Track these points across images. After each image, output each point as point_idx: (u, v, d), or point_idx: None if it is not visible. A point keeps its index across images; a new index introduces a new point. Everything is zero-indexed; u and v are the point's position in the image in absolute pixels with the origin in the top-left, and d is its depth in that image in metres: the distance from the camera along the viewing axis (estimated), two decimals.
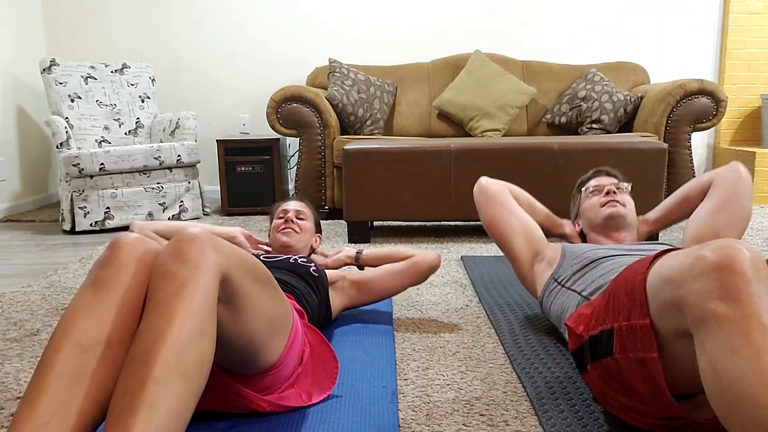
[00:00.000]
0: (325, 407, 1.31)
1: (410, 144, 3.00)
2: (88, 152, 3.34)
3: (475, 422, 1.26)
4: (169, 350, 0.92)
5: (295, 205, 1.92)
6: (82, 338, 0.97)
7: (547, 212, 1.92)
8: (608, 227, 1.72)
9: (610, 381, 1.16)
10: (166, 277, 0.99)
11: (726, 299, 0.89)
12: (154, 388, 0.88)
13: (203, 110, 4.53)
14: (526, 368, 1.51)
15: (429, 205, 3.00)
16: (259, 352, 1.18)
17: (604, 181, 1.80)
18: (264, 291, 1.15)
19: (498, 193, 1.81)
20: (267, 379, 1.25)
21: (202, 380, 0.96)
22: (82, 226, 3.38)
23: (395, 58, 4.42)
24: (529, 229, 1.77)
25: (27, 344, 1.74)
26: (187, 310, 0.95)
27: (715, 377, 0.88)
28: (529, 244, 1.75)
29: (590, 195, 1.80)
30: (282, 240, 1.83)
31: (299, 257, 1.69)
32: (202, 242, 1.01)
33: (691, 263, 0.94)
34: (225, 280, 1.03)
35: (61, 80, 3.72)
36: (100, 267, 1.05)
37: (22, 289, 2.29)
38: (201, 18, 4.47)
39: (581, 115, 3.87)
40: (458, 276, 2.40)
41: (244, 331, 1.11)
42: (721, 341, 0.88)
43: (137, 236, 1.09)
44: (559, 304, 1.54)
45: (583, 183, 1.87)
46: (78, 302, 1.02)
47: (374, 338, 1.72)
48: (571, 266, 1.57)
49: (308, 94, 3.63)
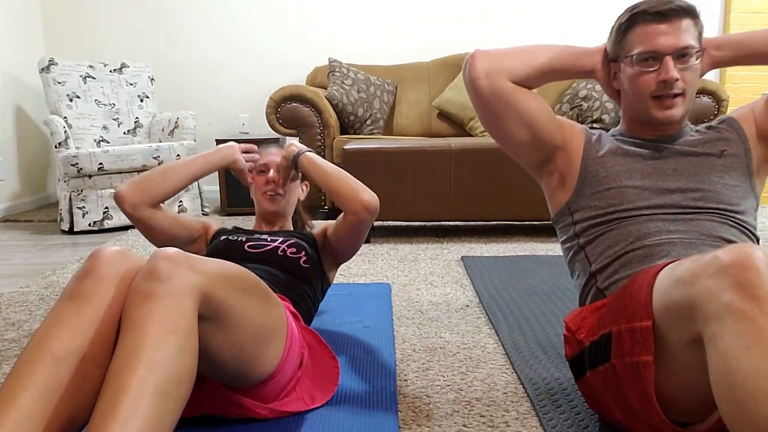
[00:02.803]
0: (325, 408, 1.31)
1: (410, 144, 3.00)
2: (86, 152, 3.33)
3: (475, 423, 1.25)
4: (144, 366, 0.91)
5: (276, 158, 1.74)
6: (56, 350, 0.96)
7: (560, 65, 1.31)
8: (655, 127, 1.29)
9: (606, 391, 1.13)
10: (140, 295, 0.98)
11: (742, 295, 0.87)
12: (128, 404, 0.87)
13: (203, 110, 4.52)
14: (526, 369, 1.50)
15: (429, 205, 2.99)
16: (254, 364, 1.16)
17: (662, 42, 1.20)
18: (253, 301, 1.13)
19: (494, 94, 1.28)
20: (266, 389, 1.24)
21: (182, 396, 0.95)
22: (81, 226, 3.37)
23: (395, 58, 4.41)
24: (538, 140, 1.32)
25: (25, 345, 1.73)
26: (161, 327, 0.94)
27: (728, 373, 0.86)
28: (538, 155, 1.35)
29: (638, 62, 1.23)
30: (268, 208, 1.72)
31: (288, 245, 1.59)
32: (176, 261, 1.00)
33: (705, 263, 0.92)
34: (206, 297, 1.01)
35: (59, 80, 3.71)
36: (78, 279, 1.04)
37: (20, 290, 2.28)
38: (200, 18, 4.46)
39: (582, 115, 3.87)
40: (458, 276, 2.39)
41: (233, 344, 1.10)
42: (737, 337, 0.86)
43: (118, 249, 1.08)
44: (569, 258, 1.36)
45: (634, 22, 1.23)
46: (54, 314, 1.01)
47: (374, 338, 1.71)
48: (589, 199, 1.29)
49: (308, 94, 3.63)
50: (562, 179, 1.34)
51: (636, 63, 1.22)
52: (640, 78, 1.22)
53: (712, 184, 1.23)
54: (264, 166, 1.75)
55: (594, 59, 1.31)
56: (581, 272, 1.31)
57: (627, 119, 1.33)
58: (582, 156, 1.31)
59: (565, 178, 1.33)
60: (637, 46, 1.21)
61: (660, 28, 1.19)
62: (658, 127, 1.28)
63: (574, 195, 1.31)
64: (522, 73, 1.29)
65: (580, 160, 1.31)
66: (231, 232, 1.69)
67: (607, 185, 1.27)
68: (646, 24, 1.21)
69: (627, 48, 1.24)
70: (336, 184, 1.59)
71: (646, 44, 1.20)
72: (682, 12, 1.20)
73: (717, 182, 1.23)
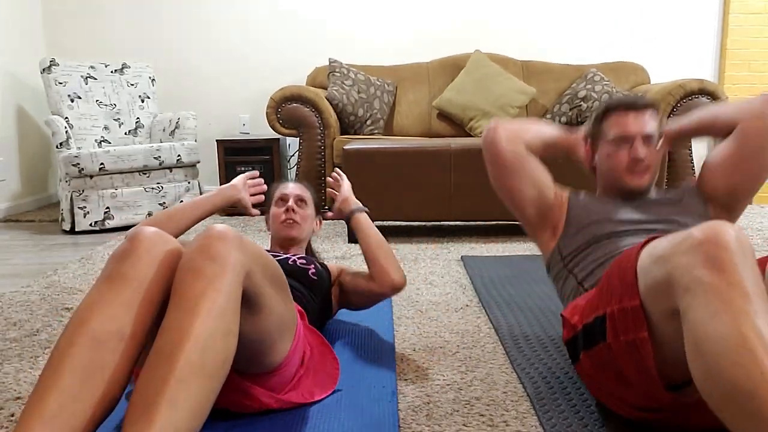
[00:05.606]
0: (326, 407, 1.31)
1: (410, 144, 3.00)
2: (87, 152, 3.33)
3: (475, 422, 1.26)
4: (193, 348, 0.92)
5: (294, 189, 1.82)
6: (97, 331, 0.97)
7: (557, 139, 1.61)
8: (625, 194, 1.51)
9: (602, 369, 1.18)
10: (194, 273, 0.99)
11: (711, 268, 0.93)
12: (176, 386, 0.89)
13: (203, 110, 4.52)
14: (526, 368, 1.51)
15: (429, 205, 3.00)
16: (269, 351, 1.19)
17: (632, 128, 1.46)
18: (278, 292, 1.16)
19: (514, 157, 1.53)
20: (274, 380, 1.26)
21: (223, 378, 0.97)
22: (82, 226, 3.38)
23: (395, 58, 4.42)
24: (542, 198, 1.54)
25: (26, 344, 1.74)
26: (212, 308, 0.96)
27: (696, 341, 0.92)
28: (538, 210, 1.56)
29: (612, 143, 1.49)
30: (286, 234, 1.77)
31: (298, 258, 1.67)
32: (230, 241, 1.02)
33: (680, 241, 1.00)
34: (248, 279, 1.03)
35: (60, 80, 3.71)
36: (117, 260, 1.05)
37: (21, 289, 2.29)
38: (201, 18, 4.47)
39: (581, 115, 3.87)
40: (458, 276, 2.40)
41: (259, 330, 1.12)
42: (704, 306, 0.92)
43: (156, 230, 1.09)
44: (560, 288, 1.53)
45: (608, 113, 1.51)
46: (94, 295, 1.02)
47: (374, 338, 1.72)
48: (574, 237, 1.49)
49: (308, 94, 3.63)
50: (553, 231, 1.56)
51: (612, 143, 1.48)
52: (615, 155, 1.48)
53: (675, 219, 1.46)
54: (283, 195, 1.81)
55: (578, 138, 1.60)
56: (570, 288, 1.45)
57: (602, 187, 1.58)
58: (567, 207, 1.55)
59: (555, 228, 1.55)
60: (612, 130, 1.48)
61: (629, 116, 1.47)
62: (629, 194, 1.51)
63: (561, 237, 1.52)
64: (534, 143, 1.55)
65: (566, 211, 1.55)
66: None
67: (589, 220, 1.49)
68: (619, 113, 1.49)
69: (604, 132, 1.51)
70: (376, 253, 1.67)
71: (620, 129, 1.47)
72: (645, 105, 1.49)
73: (680, 218, 1.46)
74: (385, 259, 1.66)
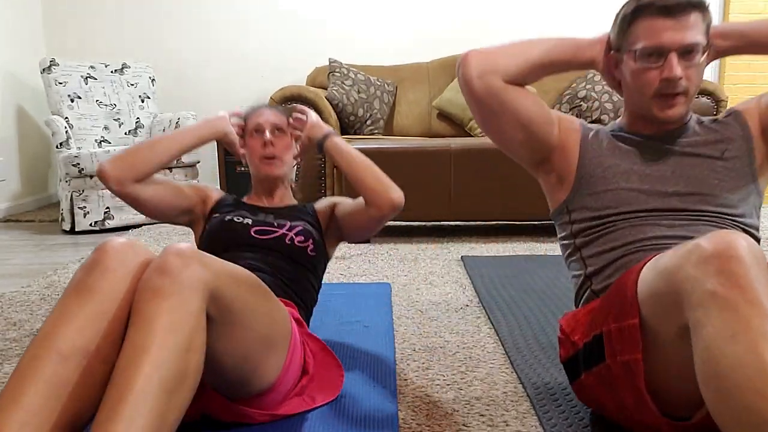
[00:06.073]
0: (325, 407, 1.31)
1: (410, 144, 3.00)
2: (87, 152, 3.33)
3: (475, 422, 1.26)
4: (151, 364, 0.90)
5: (270, 117, 1.60)
6: (62, 346, 0.95)
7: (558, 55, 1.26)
8: (657, 123, 1.24)
9: (601, 392, 1.14)
10: (151, 292, 0.97)
11: (725, 283, 0.86)
12: (134, 401, 0.87)
13: (203, 110, 4.51)
14: (525, 368, 1.51)
15: (429, 205, 3.00)
16: (255, 372, 1.14)
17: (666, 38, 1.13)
18: (259, 305, 1.11)
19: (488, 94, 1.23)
20: (267, 398, 1.22)
21: (187, 393, 0.95)
22: (82, 226, 3.38)
23: (395, 58, 4.42)
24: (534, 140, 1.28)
25: (26, 344, 1.74)
26: (169, 324, 0.94)
27: (712, 362, 0.86)
28: (532, 155, 1.32)
29: (639, 57, 1.17)
30: (268, 173, 1.59)
31: (295, 234, 1.51)
32: (188, 258, 0.99)
33: (688, 251, 0.92)
34: (214, 296, 1.00)
35: (60, 80, 3.72)
36: (84, 272, 1.02)
37: (21, 289, 2.29)
38: (201, 18, 4.47)
39: (581, 115, 3.87)
40: (458, 276, 2.40)
41: (238, 347, 1.08)
42: (721, 326, 0.85)
43: (126, 242, 1.06)
44: (566, 258, 1.35)
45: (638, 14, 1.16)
46: (60, 308, 0.99)
47: (374, 338, 1.72)
48: (585, 199, 1.26)
49: (308, 94, 3.63)
50: (559, 178, 1.30)
51: (639, 58, 1.16)
52: (642, 74, 1.17)
53: (711, 187, 1.20)
54: (258, 126, 1.59)
55: (594, 50, 1.25)
56: (577, 272, 1.31)
57: (628, 112, 1.29)
58: (579, 155, 1.27)
59: (562, 177, 1.29)
60: (640, 40, 1.15)
61: (666, 23, 1.13)
62: (659, 125, 1.23)
63: (571, 194, 1.28)
64: (517, 71, 1.23)
65: (577, 160, 1.27)
66: (233, 209, 1.58)
67: (605, 187, 1.23)
68: (652, 17, 1.14)
69: (630, 41, 1.17)
70: (362, 174, 1.51)
71: (650, 39, 1.14)
72: (689, 6, 1.13)
73: (717, 185, 1.20)
74: (376, 179, 1.51)
